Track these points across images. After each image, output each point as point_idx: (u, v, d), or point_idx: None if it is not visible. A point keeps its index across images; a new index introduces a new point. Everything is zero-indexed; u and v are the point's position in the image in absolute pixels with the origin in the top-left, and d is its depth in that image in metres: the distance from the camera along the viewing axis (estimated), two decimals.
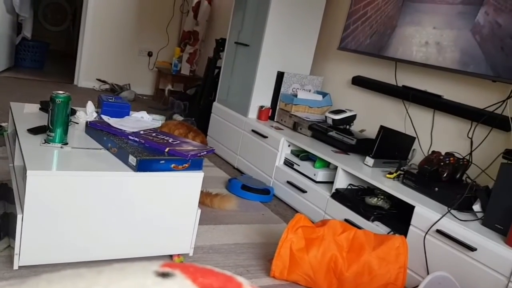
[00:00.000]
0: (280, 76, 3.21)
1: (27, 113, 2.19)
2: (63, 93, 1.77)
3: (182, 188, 1.81)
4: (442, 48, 2.41)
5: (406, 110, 2.74)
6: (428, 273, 1.87)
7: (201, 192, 1.89)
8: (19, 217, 1.54)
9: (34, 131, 1.88)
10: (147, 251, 1.82)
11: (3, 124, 2.92)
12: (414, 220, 1.98)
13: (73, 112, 2.17)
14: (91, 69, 5.20)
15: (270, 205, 2.73)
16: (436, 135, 2.57)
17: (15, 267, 1.58)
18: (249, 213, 2.54)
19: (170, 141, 1.89)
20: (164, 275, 0.34)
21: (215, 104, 3.63)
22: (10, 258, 1.63)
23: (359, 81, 3.07)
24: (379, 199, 2.26)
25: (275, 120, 3.26)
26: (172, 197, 1.80)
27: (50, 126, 1.76)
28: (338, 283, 1.81)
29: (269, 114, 3.24)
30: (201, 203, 1.98)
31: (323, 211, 2.46)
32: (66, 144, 1.80)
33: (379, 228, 2.14)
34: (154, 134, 1.95)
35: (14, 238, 1.58)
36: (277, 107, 3.23)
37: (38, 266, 1.63)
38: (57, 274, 0.32)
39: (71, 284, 0.30)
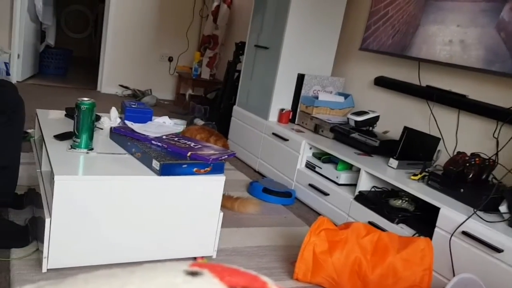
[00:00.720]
0: (300, 78, 3.20)
1: (53, 119, 2.24)
2: (88, 100, 1.81)
3: (204, 191, 1.83)
4: (466, 46, 2.37)
5: (431, 110, 2.70)
6: (454, 275, 1.83)
7: (223, 195, 1.90)
8: (47, 221, 1.57)
9: (61, 137, 1.92)
10: (171, 254, 1.84)
11: (29, 131, 2.99)
12: (439, 221, 1.95)
13: (98, 118, 2.21)
14: (113, 75, 5.29)
15: (292, 208, 2.72)
16: (461, 135, 2.53)
17: (44, 270, 1.62)
18: (271, 216, 2.54)
19: (192, 145, 1.90)
20: (193, 274, 0.34)
21: (235, 107, 3.64)
22: (39, 261, 1.66)
23: (382, 82, 3.04)
24: (404, 201, 2.24)
25: (296, 122, 3.25)
26: (195, 201, 1.82)
27: (76, 132, 1.80)
28: (362, 285, 1.79)
29: (290, 117, 3.23)
30: (223, 206, 1.99)
31: (346, 214, 2.44)
32: (92, 149, 1.84)
33: (403, 230, 2.12)
34: (176, 139, 1.97)
35: (42, 241, 1.62)
36: (298, 110, 3.23)
37: (66, 269, 1.66)
38: (92, 274, 0.33)
39: (106, 283, 0.31)
